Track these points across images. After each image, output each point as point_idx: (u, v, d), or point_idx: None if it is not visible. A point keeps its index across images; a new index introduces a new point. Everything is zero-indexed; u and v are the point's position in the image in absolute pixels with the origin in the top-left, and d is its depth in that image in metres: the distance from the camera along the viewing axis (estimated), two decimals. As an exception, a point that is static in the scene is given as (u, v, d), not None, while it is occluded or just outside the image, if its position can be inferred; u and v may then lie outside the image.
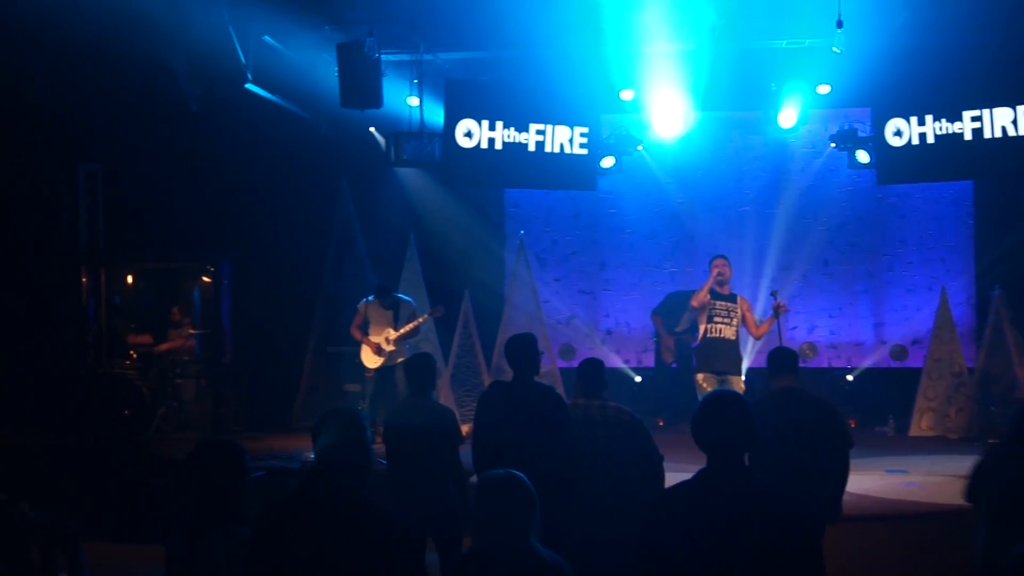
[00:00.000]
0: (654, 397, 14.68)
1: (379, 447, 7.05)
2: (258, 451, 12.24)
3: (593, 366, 7.10)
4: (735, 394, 4.15)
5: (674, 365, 13.66)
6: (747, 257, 15.12)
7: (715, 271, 10.71)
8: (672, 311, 13.61)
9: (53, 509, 8.06)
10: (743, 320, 10.71)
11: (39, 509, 7.79)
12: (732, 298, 10.72)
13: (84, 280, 14.78)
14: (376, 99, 12.50)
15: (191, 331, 14.75)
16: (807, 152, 15.39)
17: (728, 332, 10.57)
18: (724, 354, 10.59)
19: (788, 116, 13.65)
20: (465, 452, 7.12)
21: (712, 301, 10.62)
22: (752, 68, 13.41)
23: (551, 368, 14.00)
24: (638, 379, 15.25)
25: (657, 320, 13.63)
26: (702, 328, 10.73)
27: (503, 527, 4.11)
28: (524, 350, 6.85)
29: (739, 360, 10.73)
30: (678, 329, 13.36)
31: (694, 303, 10.85)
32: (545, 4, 11.81)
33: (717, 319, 10.64)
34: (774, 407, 6.82)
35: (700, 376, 10.59)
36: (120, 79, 13.20)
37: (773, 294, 10.75)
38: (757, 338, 11.30)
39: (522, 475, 4.23)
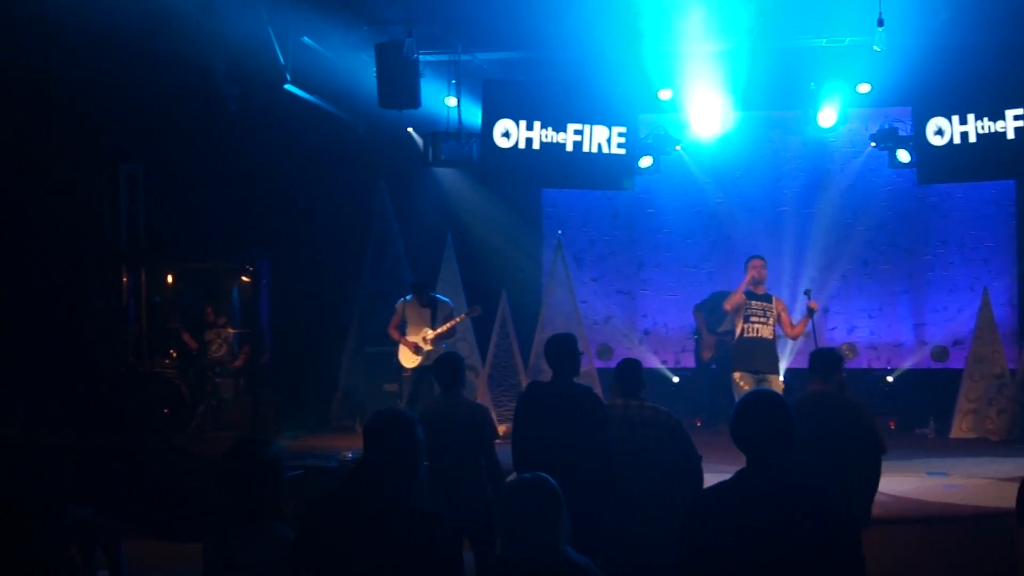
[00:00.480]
0: (692, 397, 14.61)
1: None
2: (296, 450, 12.28)
3: (631, 366, 7.07)
4: (774, 394, 4.11)
5: (713, 366, 13.59)
6: (786, 257, 15.02)
7: (751, 273, 10.73)
8: (716, 309, 13.55)
9: (93, 507, 8.12)
10: (778, 320, 10.69)
11: (79, 507, 7.84)
12: (767, 298, 10.73)
13: (125, 279, 14.89)
14: (414, 99, 12.51)
15: (229, 331, 14.81)
16: (847, 152, 15.27)
17: (765, 332, 10.59)
18: (761, 354, 10.64)
19: (828, 115, 13.54)
20: (505, 452, 7.11)
21: (748, 301, 10.67)
22: (791, 67, 13.32)
23: (588, 368, 13.96)
24: (676, 379, 15.20)
25: (699, 316, 13.58)
26: (739, 328, 10.77)
27: (531, 531, 4.09)
28: (565, 350, 6.82)
29: (776, 360, 10.77)
30: (720, 329, 13.29)
31: (727, 307, 10.95)
32: (583, 4, 11.78)
33: (754, 319, 10.71)
34: (805, 410, 6.76)
35: (737, 375, 10.64)
36: (160, 81, 13.27)
37: (806, 293, 10.80)
38: (792, 338, 11.30)
39: (549, 478, 4.20)
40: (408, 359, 12.68)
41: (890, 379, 14.80)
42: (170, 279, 15.91)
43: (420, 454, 4.17)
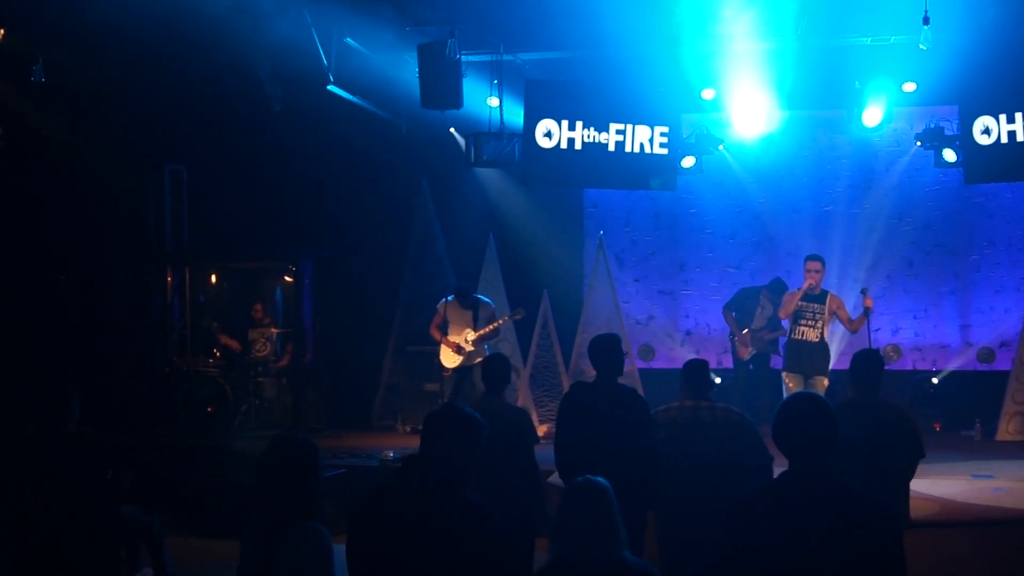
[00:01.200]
0: (732, 398, 14.50)
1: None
2: (338, 449, 12.33)
3: (699, 367, 7.01)
4: (815, 396, 4.09)
5: (751, 367, 13.50)
6: (830, 258, 14.82)
7: (808, 280, 10.87)
8: (744, 306, 13.48)
9: (138, 504, 8.18)
10: (835, 318, 11.01)
11: (124, 504, 7.90)
12: (821, 297, 10.91)
13: (169, 279, 15.00)
14: (456, 100, 12.51)
15: (273, 330, 14.87)
16: (892, 151, 15.13)
17: (811, 335, 10.78)
18: (808, 356, 10.88)
19: (873, 114, 13.41)
20: (546, 452, 7.09)
21: (800, 302, 10.76)
22: (836, 66, 13.21)
23: (630, 369, 13.90)
24: (718, 380, 15.08)
25: (729, 315, 13.50)
26: (789, 330, 11.16)
27: (589, 536, 4.04)
28: (608, 350, 6.80)
29: (824, 361, 10.92)
30: (753, 327, 13.23)
31: (783, 315, 11.16)
32: (625, 3, 11.73)
33: (802, 322, 10.99)
34: (846, 413, 6.64)
35: (785, 375, 11.01)
36: (204, 82, 13.38)
37: (863, 292, 10.91)
38: (853, 332, 11.39)
39: (604, 481, 4.17)
40: (449, 359, 12.70)
41: (935, 381, 14.64)
42: (214, 279, 16.01)
43: (477, 459, 4.16)
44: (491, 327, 12.63)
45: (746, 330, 13.28)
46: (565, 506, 4.14)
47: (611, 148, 13.23)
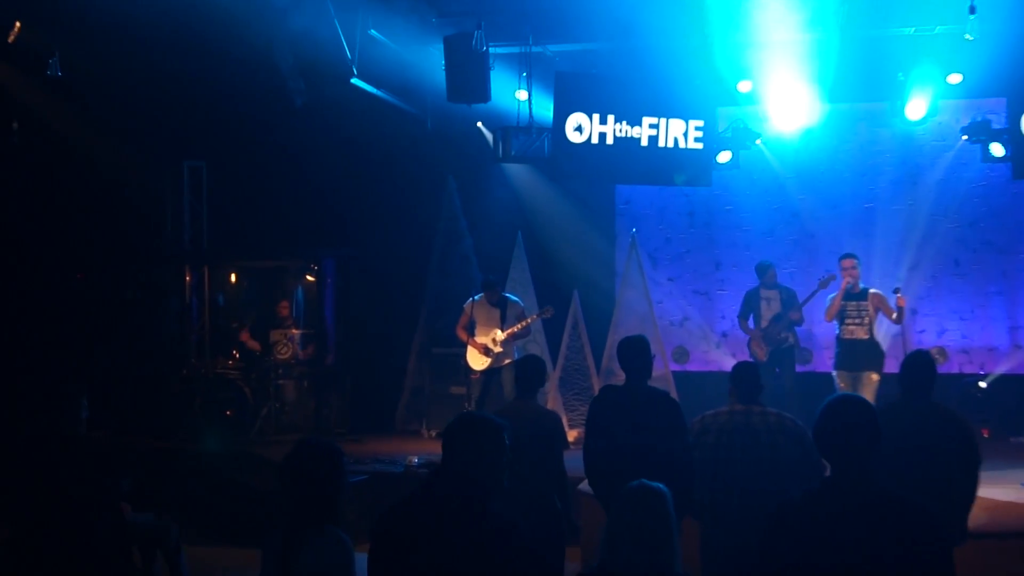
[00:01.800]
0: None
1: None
2: (361, 454, 12.35)
3: (749, 369, 6.96)
4: (857, 397, 4.08)
5: (777, 370, 13.43)
6: (873, 256, 14.78)
7: (845, 278, 11.14)
8: (755, 309, 13.42)
9: (154, 511, 8.22)
10: (880, 313, 11.40)
11: (141, 511, 7.93)
12: (863, 295, 11.17)
13: (188, 278, 15.08)
14: (484, 93, 12.51)
15: (294, 331, 14.91)
16: (937, 145, 15.01)
17: (860, 332, 11.26)
18: (860, 353, 11.32)
19: (917, 107, 13.32)
20: (575, 458, 7.07)
21: (843, 302, 11.01)
22: (878, 57, 13.14)
23: (664, 372, 13.85)
24: (983, 384, 14.88)
25: (745, 324, 13.43)
26: (837, 329, 11.55)
27: (644, 547, 4.01)
28: (637, 352, 6.78)
29: (877, 356, 11.55)
30: (763, 325, 13.17)
31: (828, 318, 11.52)
32: (658, -8, 11.72)
33: (849, 321, 11.43)
34: (893, 416, 6.58)
35: (837, 375, 11.46)
36: (225, 76, 13.41)
37: (895, 291, 11.16)
38: (899, 323, 11.64)
39: (664, 488, 4.14)
40: (477, 361, 12.70)
41: (983, 385, 14.52)
42: (233, 278, 16.08)
43: (506, 464, 4.13)
44: (520, 325, 12.63)
45: (759, 331, 13.26)
46: (621, 512, 4.10)
47: (644, 143, 13.19)
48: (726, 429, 6.70)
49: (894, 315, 11.41)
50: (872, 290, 11.66)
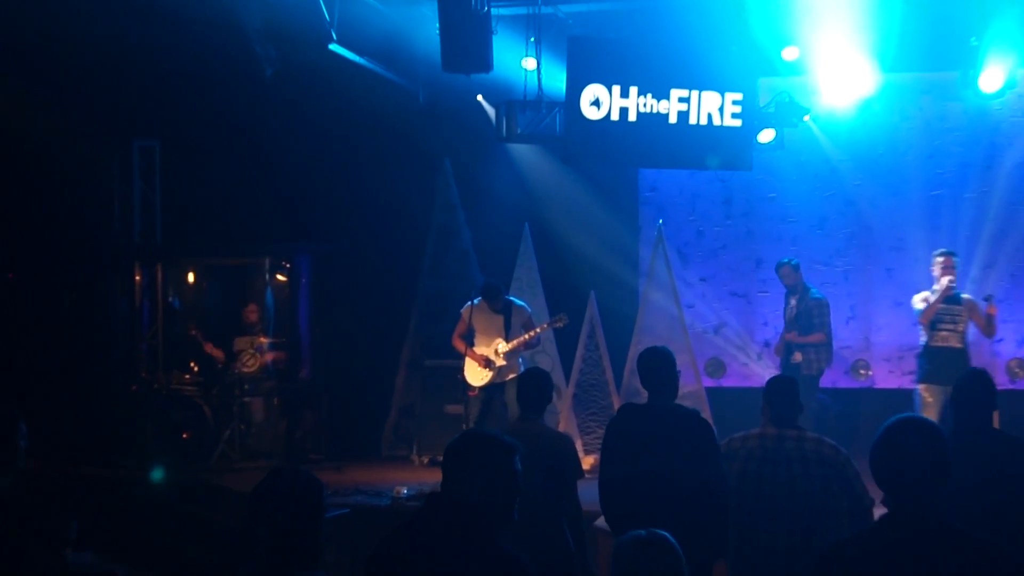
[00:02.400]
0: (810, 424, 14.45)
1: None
2: (340, 485, 12.37)
3: (785, 386, 6.96)
4: (924, 421, 4.05)
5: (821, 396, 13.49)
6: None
7: (946, 277, 11.67)
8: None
9: (98, 551, 8.22)
10: (973, 322, 11.69)
11: (81, 550, 7.93)
12: (957, 299, 11.36)
13: (138, 278, 15.08)
14: (485, 61, 12.50)
15: (262, 339, 14.91)
16: (1016, 122, 15.01)
17: (954, 340, 11.66)
18: (951, 364, 11.33)
19: (992, 78, 13.31)
20: (591, 489, 7.07)
21: (941, 305, 11.32)
22: (947, 19, 13.15)
23: (696, 388, 13.88)
24: None
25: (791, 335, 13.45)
26: (924, 336, 11.73)
27: None
28: (660, 366, 6.78)
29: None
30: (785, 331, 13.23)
31: (924, 321, 11.81)
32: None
33: (942, 326, 11.70)
34: (960, 443, 6.52)
35: (922, 387, 11.64)
36: (182, 40, 13.41)
37: (987, 299, 11.28)
38: (991, 336, 12.12)
39: (669, 536, 4.16)
40: (476, 376, 12.70)
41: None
42: (191, 278, 16.09)
43: (517, 492, 4.15)
44: (527, 336, 12.63)
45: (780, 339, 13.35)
46: (617, 564, 4.12)
47: (672, 119, 13.19)
48: (755, 456, 6.70)
49: (984, 325, 11.66)
50: (965, 295, 11.96)
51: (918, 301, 12.09)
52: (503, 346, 12.59)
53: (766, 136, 13.80)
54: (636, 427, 6.69)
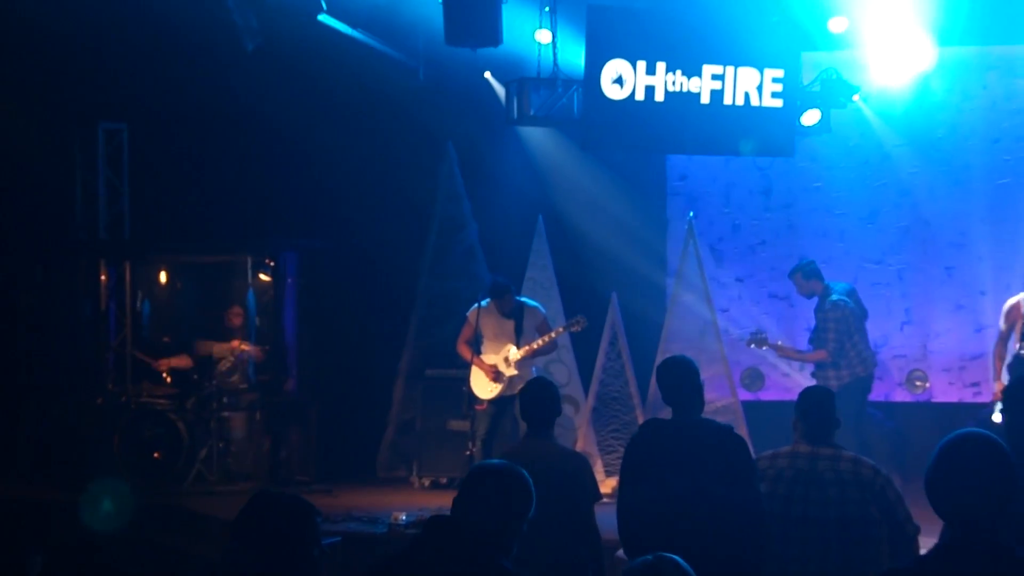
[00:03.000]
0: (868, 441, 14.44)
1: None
2: (331, 510, 12.39)
3: (819, 398, 7.00)
4: (986, 436, 4.00)
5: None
6: (1007, 248, 14.81)
7: None
8: None
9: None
10: None
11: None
12: None
13: (103, 277, 15.09)
14: (493, 34, 12.54)
15: (244, 347, 14.93)
16: (1094, 101, 15.05)
17: None
18: None
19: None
20: (609, 515, 7.09)
21: None
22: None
23: (730, 401, 13.90)
24: (997, 418, 14.91)
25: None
26: (1016, 345, 11.65)
27: None
28: (681, 377, 6.77)
29: None
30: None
31: (1005, 326, 11.74)
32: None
33: None
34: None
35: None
36: (153, 12, 13.44)
37: None
38: None
39: (680, 561, 4.19)
40: (483, 387, 12.71)
41: None
42: (163, 277, 16.11)
43: (521, 526, 4.23)
44: (540, 342, 12.64)
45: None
46: None
47: (704, 99, 13.21)
48: (785, 477, 6.73)
49: None
50: None
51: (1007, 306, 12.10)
52: (514, 353, 12.60)
53: (810, 118, 13.79)
54: (660, 445, 6.67)
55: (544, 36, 13.33)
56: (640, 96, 13.05)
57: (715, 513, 6.30)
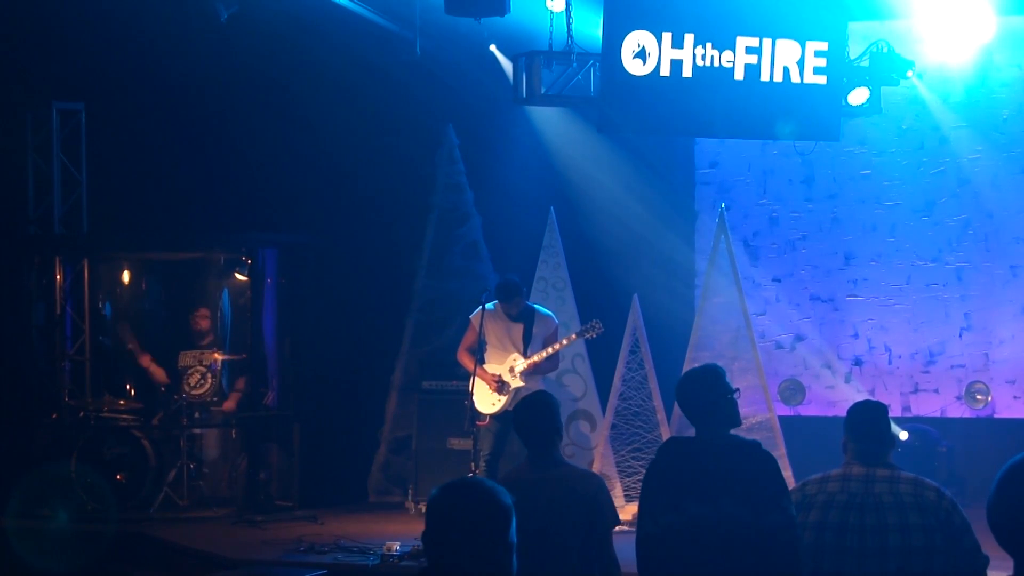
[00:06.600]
0: (926, 462, 14.40)
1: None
2: (317, 539, 12.43)
3: (873, 413, 7.00)
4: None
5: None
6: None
7: None
8: None
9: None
10: None
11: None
12: None
13: (59, 277, 15.11)
14: (499, 1, 12.57)
15: (216, 355, 14.95)
16: None
17: None
18: None
19: None
20: (628, 545, 7.12)
21: None
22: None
23: (767, 417, 13.88)
24: (904, 435, 15.00)
25: None
26: None
27: None
28: (702, 391, 6.77)
29: None
30: None
31: None
32: None
33: None
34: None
35: None
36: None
37: None
38: None
39: None
40: (487, 400, 12.73)
41: None
42: (126, 276, 16.13)
43: (510, 556, 4.23)
44: (550, 350, 12.65)
45: None
46: None
47: (738, 75, 13.23)
48: (837, 503, 6.74)
49: None
50: None
51: None
52: (521, 363, 12.60)
53: (858, 97, 13.82)
54: (681, 468, 6.64)
55: (557, 4, 13.34)
56: (665, 72, 13.07)
57: (740, 542, 6.30)
